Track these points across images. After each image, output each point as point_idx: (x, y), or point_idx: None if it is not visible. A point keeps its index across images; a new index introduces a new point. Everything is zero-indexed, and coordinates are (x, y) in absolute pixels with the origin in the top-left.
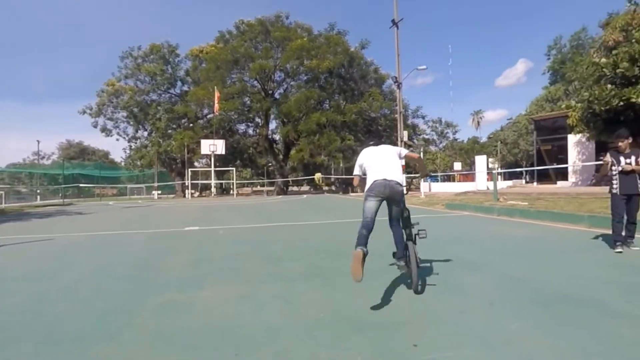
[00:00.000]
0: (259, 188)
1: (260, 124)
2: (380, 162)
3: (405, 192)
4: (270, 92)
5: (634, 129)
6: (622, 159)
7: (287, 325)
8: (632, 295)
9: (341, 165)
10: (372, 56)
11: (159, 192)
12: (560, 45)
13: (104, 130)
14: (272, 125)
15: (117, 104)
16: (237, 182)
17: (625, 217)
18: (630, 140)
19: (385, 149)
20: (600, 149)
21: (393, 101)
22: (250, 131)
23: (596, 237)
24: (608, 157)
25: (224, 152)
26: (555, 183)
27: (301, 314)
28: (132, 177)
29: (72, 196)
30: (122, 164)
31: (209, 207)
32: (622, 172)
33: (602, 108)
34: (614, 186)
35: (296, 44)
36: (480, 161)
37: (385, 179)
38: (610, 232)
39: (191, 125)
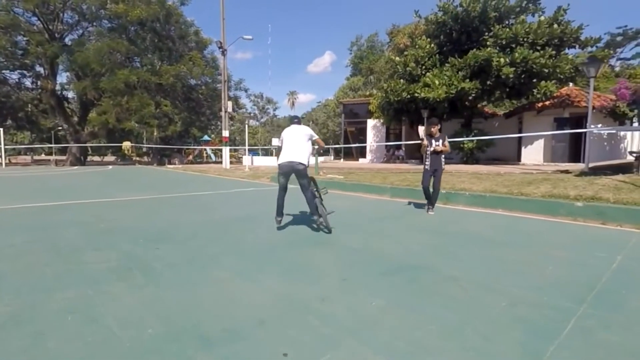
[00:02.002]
0: (44, 157)
1: (43, 75)
2: (290, 144)
3: (307, 168)
4: (57, 35)
5: (413, 118)
6: (433, 141)
7: (92, 358)
8: (445, 257)
9: (155, 133)
10: (193, 17)
11: None
12: (360, 43)
13: None
14: (62, 78)
15: None
16: (8, 147)
17: (431, 188)
18: (439, 126)
19: (299, 131)
20: (389, 133)
21: (215, 69)
22: (28, 83)
23: (409, 204)
24: (425, 141)
25: None
26: (357, 160)
27: (115, 334)
28: None
29: None
30: None
31: None
32: (433, 152)
33: (395, 99)
34: (426, 163)
35: None
36: None
37: (290, 161)
38: (409, 200)
39: None
